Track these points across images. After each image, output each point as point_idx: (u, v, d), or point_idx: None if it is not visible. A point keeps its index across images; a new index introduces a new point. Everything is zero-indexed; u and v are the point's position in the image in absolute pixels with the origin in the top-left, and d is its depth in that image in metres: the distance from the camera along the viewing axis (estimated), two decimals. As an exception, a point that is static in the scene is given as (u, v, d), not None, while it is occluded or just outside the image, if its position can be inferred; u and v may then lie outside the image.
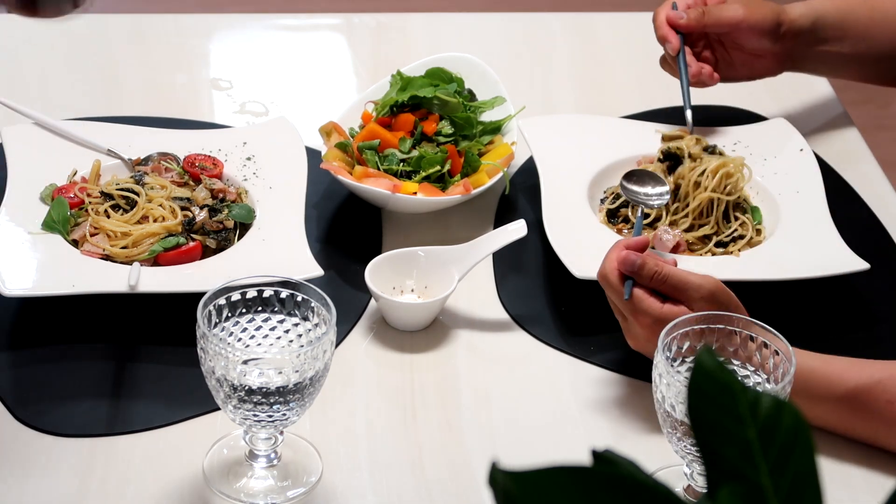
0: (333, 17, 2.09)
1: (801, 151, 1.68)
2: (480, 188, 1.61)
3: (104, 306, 1.45)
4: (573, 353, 1.45)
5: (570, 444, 1.35)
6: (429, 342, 1.46)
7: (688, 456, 1.21)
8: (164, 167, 1.59)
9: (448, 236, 1.58)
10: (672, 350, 1.24)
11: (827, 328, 1.49)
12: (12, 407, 1.35)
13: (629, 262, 1.34)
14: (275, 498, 1.27)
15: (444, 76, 1.73)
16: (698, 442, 0.70)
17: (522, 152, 1.69)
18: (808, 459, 0.70)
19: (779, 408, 0.70)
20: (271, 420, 1.22)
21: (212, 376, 1.21)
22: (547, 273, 1.55)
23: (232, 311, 1.26)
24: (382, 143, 1.64)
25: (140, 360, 1.41)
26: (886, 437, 1.30)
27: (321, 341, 1.21)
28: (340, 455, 1.32)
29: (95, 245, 1.48)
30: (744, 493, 0.69)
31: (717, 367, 0.71)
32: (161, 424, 1.34)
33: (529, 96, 1.80)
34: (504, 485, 0.67)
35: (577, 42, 2.01)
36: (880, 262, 1.54)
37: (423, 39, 1.98)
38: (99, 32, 1.98)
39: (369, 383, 1.41)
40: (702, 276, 1.33)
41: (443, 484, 1.30)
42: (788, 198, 1.61)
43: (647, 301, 1.33)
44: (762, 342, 1.24)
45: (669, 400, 1.19)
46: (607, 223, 1.59)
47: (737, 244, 1.56)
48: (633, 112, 1.81)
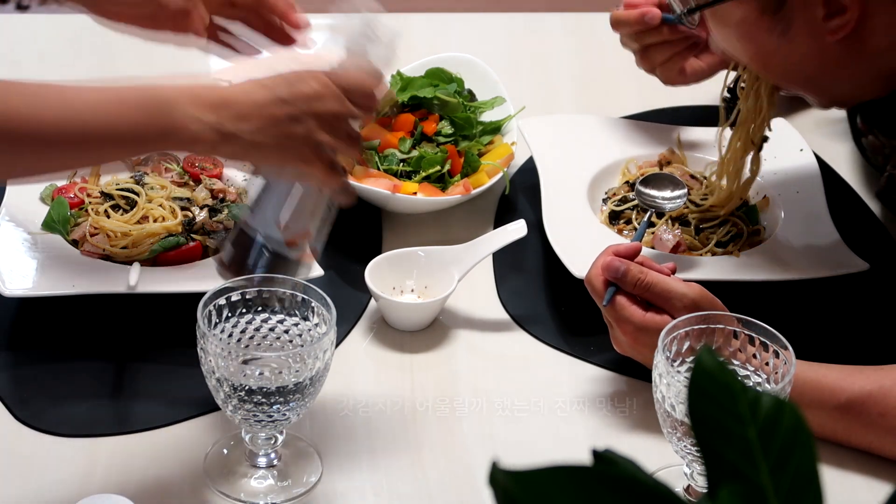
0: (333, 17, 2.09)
1: (801, 151, 1.68)
2: (480, 188, 1.61)
3: (104, 306, 1.45)
4: (573, 353, 1.45)
5: (570, 444, 1.35)
6: (429, 342, 1.46)
7: (688, 456, 1.21)
8: (164, 167, 1.59)
9: (448, 236, 1.58)
10: (672, 350, 1.24)
11: (827, 328, 1.49)
12: (12, 407, 1.35)
13: (613, 269, 1.34)
14: (275, 498, 1.27)
15: (444, 76, 1.73)
16: (698, 442, 0.70)
17: (522, 152, 1.69)
18: (809, 459, 0.70)
19: (779, 408, 0.70)
20: (271, 420, 1.22)
21: (212, 376, 1.21)
22: (547, 273, 1.55)
23: (232, 311, 1.26)
24: (382, 143, 1.64)
25: (140, 360, 1.41)
26: (880, 447, 1.31)
27: (321, 341, 1.21)
28: (340, 455, 1.32)
29: (95, 245, 1.48)
30: (744, 492, 0.69)
31: (717, 367, 0.71)
32: (161, 424, 1.34)
33: (529, 96, 1.80)
34: (504, 485, 0.67)
35: (577, 42, 2.01)
36: (880, 262, 1.54)
37: (423, 39, 1.98)
38: (99, 32, 1.97)
39: (369, 383, 1.41)
40: (686, 285, 1.33)
41: (443, 484, 1.30)
42: (788, 198, 1.61)
43: (629, 309, 1.33)
44: (762, 343, 1.24)
45: (669, 400, 1.19)
46: (608, 224, 1.59)
47: (737, 244, 1.56)
48: (633, 112, 1.81)
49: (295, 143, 1.25)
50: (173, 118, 1.21)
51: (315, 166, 1.26)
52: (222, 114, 1.22)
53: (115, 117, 1.21)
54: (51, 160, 1.23)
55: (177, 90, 1.22)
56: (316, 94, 1.25)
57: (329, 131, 1.26)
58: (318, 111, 1.25)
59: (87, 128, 1.20)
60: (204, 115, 1.22)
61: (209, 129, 1.22)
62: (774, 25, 1.36)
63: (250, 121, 1.23)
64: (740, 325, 1.25)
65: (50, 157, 1.22)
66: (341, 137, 1.27)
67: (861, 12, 1.32)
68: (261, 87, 1.25)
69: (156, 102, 1.21)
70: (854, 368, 1.32)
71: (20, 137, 1.19)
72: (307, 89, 1.25)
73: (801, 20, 1.35)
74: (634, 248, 1.37)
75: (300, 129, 1.24)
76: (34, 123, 1.19)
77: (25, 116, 1.18)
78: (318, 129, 1.25)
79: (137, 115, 1.21)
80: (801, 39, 1.36)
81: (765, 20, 1.36)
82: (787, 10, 1.35)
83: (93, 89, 1.22)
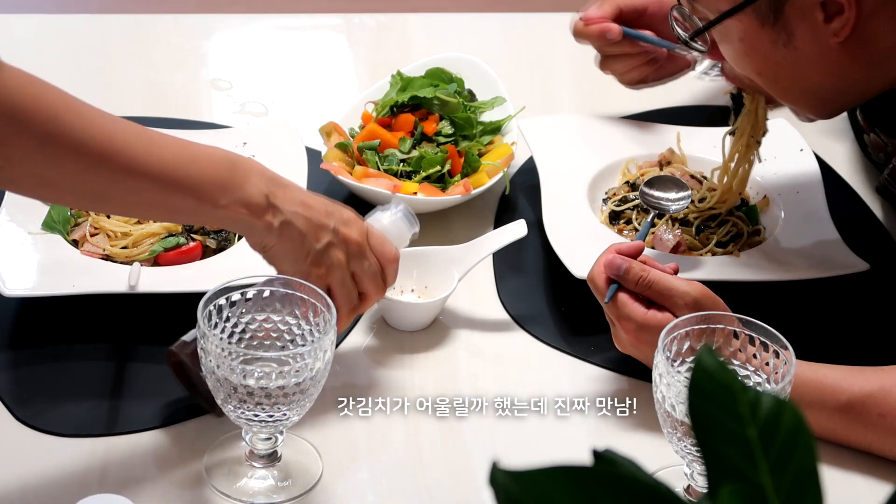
0: (333, 17, 2.09)
1: (801, 151, 1.68)
2: (480, 188, 1.61)
3: (104, 306, 1.45)
4: (573, 353, 1.45)
5: (570, 444, 1.34)
6: (429, 342, 1.46)
7: (688, 456, 1.21)
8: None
9: (448, 236, 1.58)
10: (672, 350, 1.24)
11: (826, 328, 1.49)
12: (12, 407, 1.35)
13: (615, 267, 1.34)
14: (275, 498, 1.27)
15: (444, 76, 1.73)
16: (698, 442, 0.70)
17: (522, 152, 1.69)
18: (809, 459, 0.70)
19: (779, 408, 0.70)
20: (271, 420, 1.22)
21: (212, 376, 1.21)
22: (547, 273, 1.55)
23: (232, 311, 1.26)
24: (382, 143, 1.64)
25: (140, 360, 1.41)
26: (880, 447, 1.31)
27: (321, 341, 1.21)
28: (340, 455, 1.32)
29: (95, 245, 1.48)
30: (744, 492, 0.69)
31: (717, 367, 0.71)
32: (161, 424, 1.34)
33: (529, 96, 1.80)
34: (505, 485, 0.67)
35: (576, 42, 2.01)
36: (880, 262, 1.54)
37: (423, 39, 1.98)
38: (99, 32, 1.98)
39: (369, 383, 1.41)
40: (687, 283, 1.33)
41: (443, 484, 1.30)
42: (788, 198, 1.61)
43: (630, 306, 1.33)
44: (762, 343, 1.24)
45: (669, 400, 1.19)
46: (608, 224, 1.59)
47: (737, 244, 1.56)
48: (633, 112, 1.81)
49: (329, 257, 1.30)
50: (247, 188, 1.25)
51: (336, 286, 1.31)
52: (279, 193, 1.27)
53: (203, 172, 1.24)
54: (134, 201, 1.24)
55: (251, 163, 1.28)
56: (353, 241, 1.31)
57: (358, 268, 1.32)
58: (349, 254, 1.31)
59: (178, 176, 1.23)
60: (264, 184, 1.27)
61: (262, 195, 1.26)
62: (777, 36, 1.36)
63: (301, 220, 1.28)
64: (740, 325, 1.25)
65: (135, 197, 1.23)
66: (368, 277, 1.32)
67: (859, 9, 1.32)
68: (321, 198, 1.32)
69: (236, 169, 1.26)
70: (854, 369, 1.32)
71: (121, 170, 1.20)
72: (348, 233, 1.31)
73: (802, 27, 1.35)
74: (637, 247, 1.37)
75: (338, 251, 1.30)
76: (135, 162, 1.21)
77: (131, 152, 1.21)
78: (343, 266, 1.30)
79: (221, 177, 1.25)
80: (807, 47, 1.36)
81: (766, 32, 1.36)
82: (786, 18, 1.35)
83: (187, 143, 1.26)
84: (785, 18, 1.35)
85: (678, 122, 1.74)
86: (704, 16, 1.41)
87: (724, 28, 1.39)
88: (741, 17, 1.37)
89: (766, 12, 1.35)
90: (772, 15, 1.35)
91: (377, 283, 1.34)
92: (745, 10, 1.36)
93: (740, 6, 1.36)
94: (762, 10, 1.35)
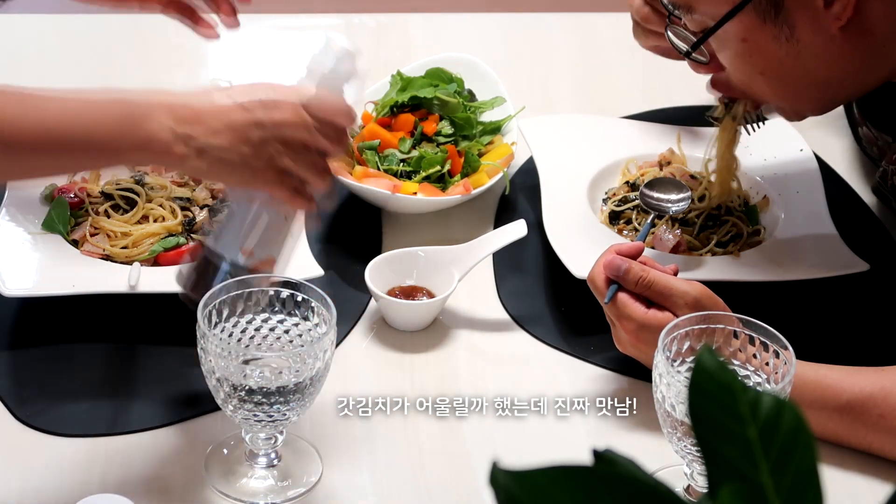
0: (333, 17, 2.09)
1: (801, 151, 1.68)
2: (480, 188, 1.61)
3: (104, 306, 1.45)
4: (573, 353, 1.45)
5: (570, 444, 1.34)
6: (429, 342, 1.46)
7: (688, 456, 1.21)
8: (165, 167, 1.59)
9: (448, 236, 1.58)
10: (672, 350, 1.24)
11: (826, 328, 1.49)
12: (12, 407, 1.35)
13: (614, 267, 1.34)
14: (275, 498, 1.27)
15: (444, 76, 1.73)
16: (699, 442, 0.70)
17: (522, 152, 1.69)
18: (809, 459, 0.70)
19: (779, 407, 0.70)
20: (271, 420, 1.22)
21: (212, 376, 1.21)
22: (547, 273, 1.55)
23: (232, 311, 1.26)
24: (382, 143, 1.64)
25: (140, 360, 1.41)
26: (880, 447, 1.31)
27: (321, 341, 1.21)
28: (340, 455, 1.32)
29: (95, 245, 1.48)
30: (744, 492, 0.69)
31: (717, 366, 0.71)
32: (161, 424, 1.34)
33: (529, 96, 1.80)
34: (505, 485, 0.67)
35: (577, 42, 2.01)
36: (880, 262, 1.54)
37: (423, 39, 1.98)
38: (99, 32, 1.97)
39: (369, 383, 1.41)
40: (688, 283, 1.33)
41: (443, 484, 1.30)
42: (788, 198, 1.61)
43: (630, 306, 1.33)
44: (762, 343, 1.24)
45: (669, 400, 1.19)
46: (608, 224, 1.59)
47: (737, 244, 1.56)
48: (633, 112, 1.81)
49: (261, 164, 1.26)
50: (148, 129, 1.23)
51: (279, 191, 1.28)
52: (196, 128, 1.24)
53: (91, 126, 1.23)
54: (30, 167, 1.25)
55: (153, 103, 1.24)
56: (287, 122, 1.27)
57: (294, 159, 1.27)
58: (287, 138, 1.27)
59: (64, 136, 1.22)
60: (178, 127, 1.24)
61: (181, 141, 1.24)
62: (779, 31, 1.36)
63: (222, 138, 1.25)
64: (740, 325, 1.25)
65: (28, 164, 1.24)
66: (307, 167, 1.28)
67: None
68: (238, 108, 1.27)
69: (132, 113, 1.23)
70: (854, 369, 1.32)
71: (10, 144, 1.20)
72: (279, 116, 1.27)
73: (803, 18, 1.35)
74: (637, 248, 1.37)
75: (267, 152, 1.26)
76: (14, 130, 1.20)
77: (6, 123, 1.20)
78: (284, 155, 1.27)
79: (113, 125, 1.23)
80: (809, 38, 1.36)
81: (768, 28, 1.36)
82: (787, 11, 1.35)
83: (72, 99, 1.24)
84: (785, 11, 1.35)
85: (678, 122, 1.74)
86: (702, 25, 1.41)
87: (722, 33, 1.39)
88: (741, 16, 1.36)
89: (767, 7, 1.35)
90: (772, 10, 1.35)
91: (331, 147, 1.30)
92: (745, 8, 1.36)
93: (741, 5, 1.36)
94: (762, 6, 1.35)
